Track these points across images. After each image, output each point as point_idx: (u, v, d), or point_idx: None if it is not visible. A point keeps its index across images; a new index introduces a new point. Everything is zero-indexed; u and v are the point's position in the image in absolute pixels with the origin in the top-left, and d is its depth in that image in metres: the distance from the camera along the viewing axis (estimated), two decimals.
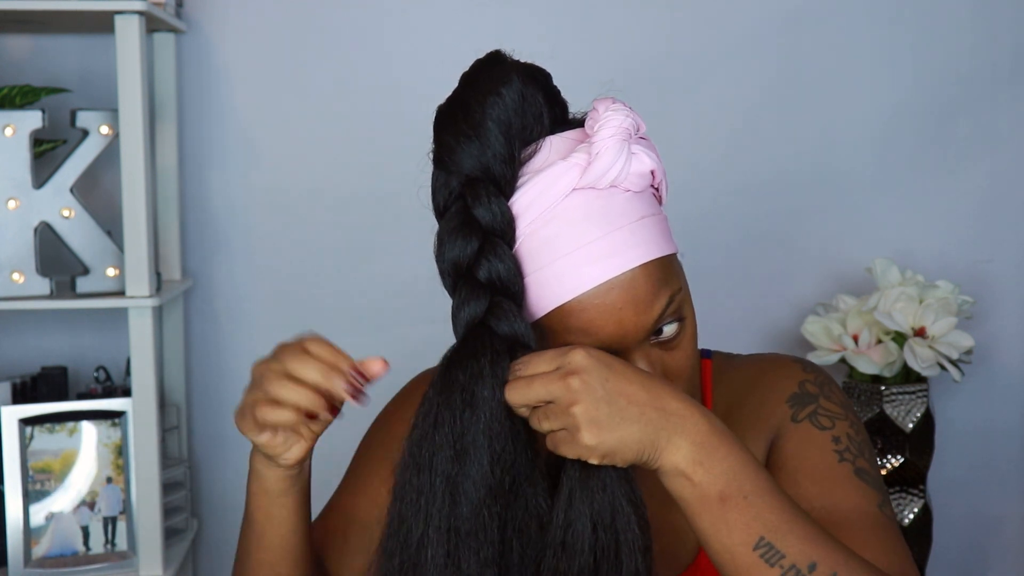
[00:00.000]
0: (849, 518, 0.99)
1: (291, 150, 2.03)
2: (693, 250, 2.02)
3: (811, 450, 1.04)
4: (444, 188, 0.94)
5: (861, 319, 1.89)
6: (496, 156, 0.92)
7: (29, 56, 1.96)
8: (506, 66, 0.95)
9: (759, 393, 1.09)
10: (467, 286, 0.92)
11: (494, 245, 0.92)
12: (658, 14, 2.05)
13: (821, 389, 1.09)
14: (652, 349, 0.97)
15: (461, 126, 0.93)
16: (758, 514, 0.87)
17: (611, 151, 0.92)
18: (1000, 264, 2.11)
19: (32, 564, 1.75)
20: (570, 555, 0.89)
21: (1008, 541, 2.17)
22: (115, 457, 1.79)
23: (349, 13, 2.01)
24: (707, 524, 0.88)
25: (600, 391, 0.86)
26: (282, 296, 2.04)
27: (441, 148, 0.94)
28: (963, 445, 2.11)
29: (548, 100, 0.96)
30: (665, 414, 0.88)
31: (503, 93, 0.93)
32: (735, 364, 1.14)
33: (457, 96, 0.95)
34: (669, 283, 0.96)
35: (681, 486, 0.88)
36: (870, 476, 1.03)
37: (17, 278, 1.73)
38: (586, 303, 0.93)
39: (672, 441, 0.87)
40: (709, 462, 0.88)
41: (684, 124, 2.04)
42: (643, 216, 0.95)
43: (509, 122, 0.93)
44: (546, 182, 0.93)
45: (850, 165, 2.09)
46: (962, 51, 2.08)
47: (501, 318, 0.91)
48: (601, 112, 0.94)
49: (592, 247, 0.92)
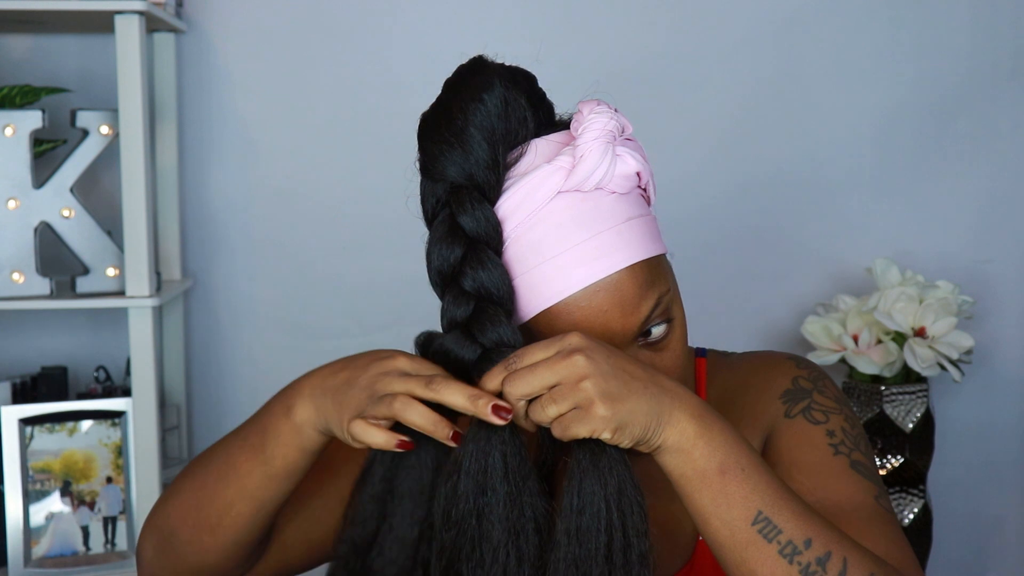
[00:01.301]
0: (845, 510, 0.99)
1: (291, 150, 2.03)
2: (693, 250, 2.03)
3: (805, 444, 1.04)
4: (431, 196, 0.95)
5: (861, 319, 1.89)
6: (480, 163, 0.92)
7: (29, 56, 1.96)
8: (488, 71, 0.95)
9: (753, 390, 1.10)
10: (452, 294, 0.93)
11: (479, 252, 0.92)
12: (660, 14, 2.04)
13: (815, 384, 1.09)
14: (640, 351, 0.97)
15: (444, 134, 0.93)
16: (755, 486, 0.88)
17: (595, 154, 0.92)
18: (1000, 264, 2.11)
19: (32, 564, 1.75)
20: (585, 539, 0.89)
21: (1008, 541, 2.17)
22: (115, 457, 1.79)
23: (349, 13, 2.01)
24: (707, 500, 0.88)
25: (605, 365, 0.87)
26: (282, 296, 2.04)
27: (426, 156, 0.95)
28: (963, 445, 2.11)
29: (532, 103, 0.96)
30: (664, 390, 0.89)
31: (485, 99, 0.93)
32: (729, 362, 1.14)
33: (440, 103, 0.96)
34: (656, 285, 0.96)
35: (682, 462, 0.89)
36: (866, 468, 1.03)
37: (17, 278, 1.73)
38: (572, 306, 0.93)
39: (674, 415, 0.88)
40: (708, 435, 0.89)
41: (684, 124, 2.04)
42: (629, 218, 0.95)
43: (492, 128, 0.93)
44: (531, 185, 0.93)
45: (850, 165, 2.09)
46: (962, 51, 2.08)
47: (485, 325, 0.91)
48: (585, 115, 0.94)
49: (578, 250, 0.93)
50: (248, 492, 1.01)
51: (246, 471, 1.00)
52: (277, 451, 0.99)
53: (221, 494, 1.01)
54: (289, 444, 0.98)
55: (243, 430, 1.03)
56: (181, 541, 1.04)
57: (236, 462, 1.01)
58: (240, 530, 1.02)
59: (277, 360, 2.04)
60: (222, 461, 1.02)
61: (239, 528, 1.02)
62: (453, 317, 0.92)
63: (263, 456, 0.99)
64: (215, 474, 1.02)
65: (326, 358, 2.18)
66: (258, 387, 2.04)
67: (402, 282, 1.99)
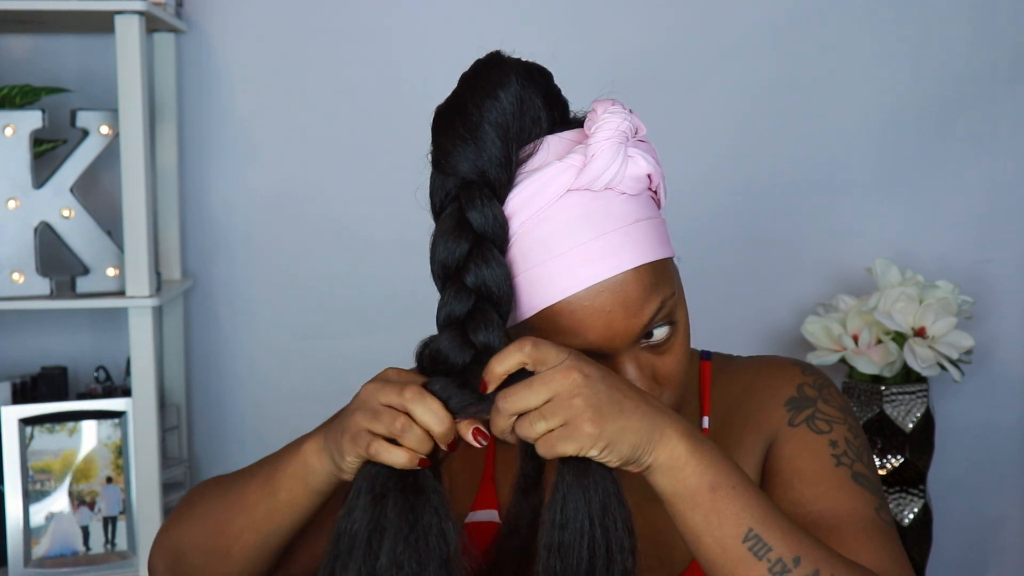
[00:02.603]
0: (845, 521, 0.99)
1: (291, 150, 2.03)
2: (694, 251, 2.02)
3: (807, 454, 1.04)
4: (440, 190, 0.94)
5: (861, 319, 1.89)
6: (492, 159, 0.92)
7: (29, 56, 1.96)
8: (504, 68, 0.95)
9: (757, 396, 1.10)
10: (453, 288, 0.92)
11: (484, 249, 0.92)
12: (659, 14, 2.04)
13: (820, 392, 1.09)
14: (642, 353, 0.97)
15: (458, 129, 0.93)
16: (746, 504, 0.88)
17: (607, 153, 0.92)
18: (1000, 264, 2.11)
19: (32, 564, 1.75)
20: (565, 554, 0.89)
21: (1008, 541, 2.17)
22: (115, 457, 1.79)
23: (349, 13, 2.01)
24: (699, 518, 0.89)
25: (600, 384, 0.87)
26: (282, 296, 2.04)
27: (438, 150, 0.94)
28: (963, 445, 2.11)
29: (547, 101, 0.96)
30: (655, 410, 0.89)
31: (500, 96, 0.93)
32: (734, 366, 1.14)
33: (455, 98, 0.95)
34: (661, 288, 0.95)
35: (674, 480, 0.89)
36: (868, 480, 1.03)
37: (17, 278, 1.73)
38: (576, 304, 0.93)
39: (666, 434, 0.88)
40: (699, 454, 0.89)
41: (684, 124, 2.04)
42: (638, 219, 0.95)
43: (506, 125, 0.93)
44: (541, 182, 0.93)
45: (850, 165, 2.09)
46: (962, 51, 2.08)
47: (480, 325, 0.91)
48: (599, 114, 0.94)
49: (584, 248, 0.93)
50: (254, 523, 1.02)
51: (253, 502, 1.02)
52: (282, 484, 1.00)
53: (230, 523, 1.03)
54: (294, 477, 0.99)
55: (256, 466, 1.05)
56: (193, 565, 1.05)
57: (245, 493, 1.03)
58: (250, 558, 1.04)
59: (277, 360, 2.04)
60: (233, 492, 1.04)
61: (248, 556, 1.04)
62: (451, 312, 0.92)
63: (269, 488, 1.01)
64: (225, 504, 1.04)
65: (326, 358, 2.20)
66: (258, 387, 2.04)
67: (402, 282, 1.99)
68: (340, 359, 2.02)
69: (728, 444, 1.09)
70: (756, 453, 1.07)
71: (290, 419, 1.52)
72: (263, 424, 2.02)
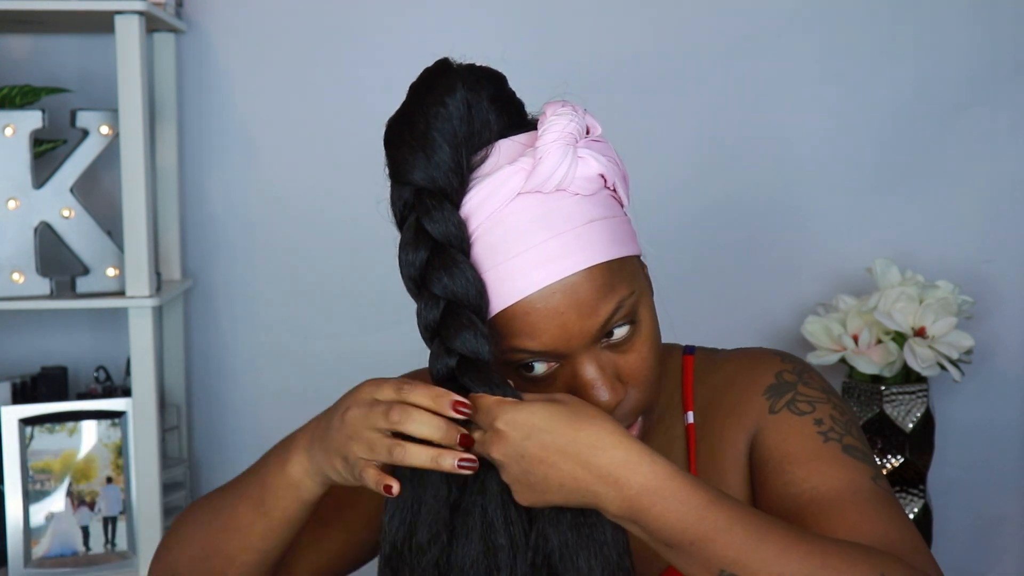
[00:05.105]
0: (843, 495, 0.98)
1: (291, 150, 2.03)
2: (693, 250, 2.03)
3: (793, 436, 1.03)
4: (398, 200, 0.96)
5: (861, 319, 1.89)
6: (442, 166, 0.93)
7: (29, 56, 1.96)
8: (451, 75, 0.96)
9: (737, 388, 1.09)
10: (423, 298, 0.94)
11: (444, 255, 0.93)
12: (660, 14, 2.04)
13: (799, 376, 1.08)
14: (603, 352, 0.96)
15: (407, 139, 0.94)
16: (713, 554, 0.86)
17: (554, 155, 0.93)
18: (1000, 264, 2.11)
19: (32, 564, 1.75)
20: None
21: (1008, 541, 2.17)
22: (115, 457, 1.79)
23: (349, 13, 2.01)
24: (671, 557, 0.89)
25: (524, 460, 0.88)
26: (282, 296, 2.04)
27: (391, 162, 0.96)
28: (963, 445, 2.11)
29: (497, 105, 0.96)
30: (593, 477, 0.87)
31: (447, 103, 0.94)
32: (717, 359, 1.13)
33: (404, 108, 0.97)
34: (617, 287, 0.95)
35: (629, 528, 0.90)
36: (859, 451, 1.02)
37: (17, 278, 1.73)
38: (530, 307, 0.93)
39: (600, 504, 0.88)
40: (650, 514, 0.87)
41: (684, 123, 2.04)
42: (591, 220, 0.95)
43: (454, 132, 0.93)
44: (492, 186, 0.93)
45: (850, 165, 2.09)
46: (962, 51, 2.07)
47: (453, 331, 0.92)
48: (548, 116, 0.95)
49: (537, 251, 0.93)
50: (251, 544, 1.03)
51: (247, 523, 1.02)
52: (277, 503, 1.01)
53: (225, 546, 1.04)
54: (287, 497, 1.00)
55: (242, 482, 1.05)
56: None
57: (238, 514, 1.03)
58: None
59: (277, 360, 2.04)
60: (225, 514, 1.04)
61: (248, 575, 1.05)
62: (426, 321, 0.94)
63: (263, 509, 1.01)
64: (218, 526, 1.05)
65: (326, 358, 2.19)
66: (258, 387, 2.04)
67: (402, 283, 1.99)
68: (340, 359, 2.02)
69: (711, 438, 1.08)
70: (739, 446, 1.06)
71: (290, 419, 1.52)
72: (263, 424, 2.02)
